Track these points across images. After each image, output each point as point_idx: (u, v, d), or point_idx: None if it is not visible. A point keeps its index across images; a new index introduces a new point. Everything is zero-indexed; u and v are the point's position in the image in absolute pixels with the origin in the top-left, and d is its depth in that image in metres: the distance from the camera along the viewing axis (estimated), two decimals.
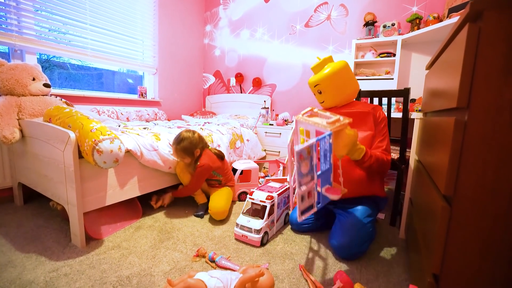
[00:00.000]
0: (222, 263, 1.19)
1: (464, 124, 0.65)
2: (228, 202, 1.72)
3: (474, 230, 0.66)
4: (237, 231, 1.43)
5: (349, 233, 1.28)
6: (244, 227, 1.40)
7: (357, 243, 1.26)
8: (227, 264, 1.18)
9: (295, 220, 1.54)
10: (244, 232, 1.40)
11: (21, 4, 1.93)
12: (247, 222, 1.41)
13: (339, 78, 1.36)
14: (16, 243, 1.34)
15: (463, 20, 0.67)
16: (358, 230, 1.28)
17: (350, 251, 1.27)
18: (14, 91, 1.62)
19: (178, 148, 1.65)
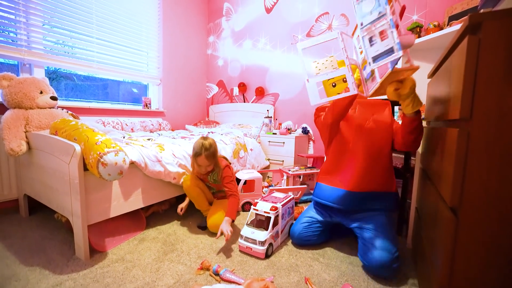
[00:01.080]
0: (227, 276, 1.17)
1: (467, 135, 0.65)
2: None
3: (480, 239, 0.65)
4: (242, 243, 1.42)
5: (388, 246, 1.20)
6: (249, 238, 1.39)
7: (397, 256, 1.19)
8: (232, 278, 1.16)
9: (297, 234, 1.48)
10: (248, 244, 1.39)
11: (30, 20, 1.99)
12: (251, 233, 1.40)
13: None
14: (21, 255, 1.34)
15: (463, 32, 0.67)
16: (393, 241, 1.24)
17: (395, 264, 1.18)
18: (22, 104, 1.65)
19: (209, 155, 1.57)
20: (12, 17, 1.92)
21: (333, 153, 1.47)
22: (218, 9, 3.64)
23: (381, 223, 1.32)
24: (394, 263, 1.17)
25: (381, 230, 1.29)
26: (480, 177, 0.63)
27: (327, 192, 1.45)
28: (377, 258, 1.19)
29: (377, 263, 1.18)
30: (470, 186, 0.65)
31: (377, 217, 1.35)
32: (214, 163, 1.64)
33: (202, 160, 1.59)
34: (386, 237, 1.25)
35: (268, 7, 3.19)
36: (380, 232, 1.28)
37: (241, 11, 3.42)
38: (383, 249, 1.20)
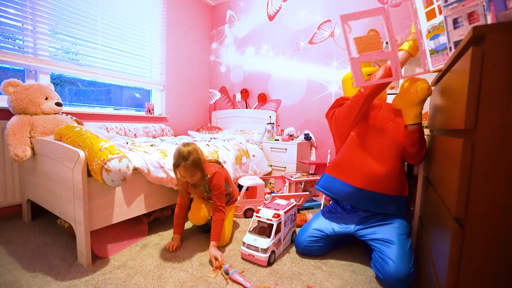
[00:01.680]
0: (235, 276, 1.20)
1: (472, 146, 0.65)
2: (231, 226, 1.64)
3: (487, 253, 0.64)
4: (244, 250, 1.41)
5: (405, 259, 1.18)
6: (251, 246, 1.38)
7: (412, 272, 1.16)
8: (239, 279, 1.19)
9: (303, 246, 1.45)
10: (251, 251, 1.38)
11: (37, 27, 2.02)
12: (254, 241, 1.39)
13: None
14: (23, 261, 1.34)
15: (467, 43, 0.68)
16: (410, 253, 1.21)
17: (410, 279, 1.16)
18: (27, 110, 1.67)
19: (188, 165, 1.37)
20: (19, 24, 1.95)
21: (350, 148, 1.41)
22: (221, 16, 3.69)
23: (398, 234, 1.28)
24: (410, 278, 1.15)
25: (399, 242, 1.25)
26: (485, 190, 0.63)
27: (338, 186, 1.41)
28: (393, 272, 1.16)
29: (393, 278, 1.15)
30: (475, 197, 0.64)
31: (394, 226, 1.32)
32: (199, 172, 1.44)
33: (182, 171, 1.40)
34: (403, 250, 1.21)
35: (271, 15, 3.23)
36: (397, 244, 1.24)
37: (244, 18, 3.46)
38: (400, 264, 1.17)
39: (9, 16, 1.88)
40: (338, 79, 2.79)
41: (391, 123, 1.40)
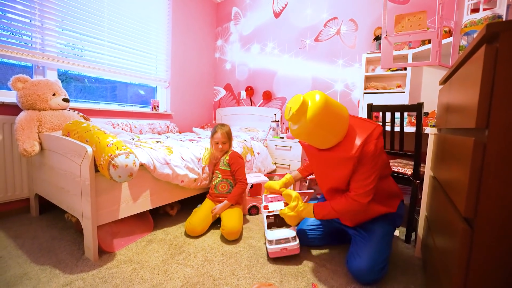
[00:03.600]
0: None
1: (483, 145, 0.64)
2: (241, 221, 1.68)
3: (497, 254, 0.63)
4: (274, 248, 1.36)
5: (369, 257, 1.21)
6: (281, 240, 1.37)
7: (379, 268, 1.19)
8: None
9: (303, 232, 1.54)
10: (283, 245, 1.36)
11: (45, 24, 2.04)
12: (282, 234, 1.39)
13: (316, 131, 1.13)
14: (32, 254, 1.36)
15: (480, 41, 0.67)
16: (378, 253, 1.22)
17: (372, 276, 1.19)
18: (36, 105, 1.69)
19: (224, 132, 1.84)
20: (27, 21, 1.97)
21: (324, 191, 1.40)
22: (226, 13, 3.68)
23: (377, 235, 1.29)
24: (371, 276, 1.19)
25: (374, 242, 1.27)
26: (496, 190, 0.62)
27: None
28: (356, 267, 1.21)
29: (355, 272, 1.22)
30: (485, 197, 0.64)
31: (377, 227, 1.32)
32: (228, 142, 1.87)
33: (218, 137, 1.84)
34: (375, 251, 1.23)
35: (277, 12, 3.21)
36: (372, 243, 1.26)
37: (249, 15, 3.45)
38: (366, 262, 1.20)
39: (17, 13, 1.90)
40: (344, 77, 2.77)
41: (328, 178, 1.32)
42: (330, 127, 1.13)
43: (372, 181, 1.18)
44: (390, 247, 1.30)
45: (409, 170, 1.66)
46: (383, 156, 1.25)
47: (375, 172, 1.17)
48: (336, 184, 1.27)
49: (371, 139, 1.16)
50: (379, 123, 1.33)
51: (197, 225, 1.62)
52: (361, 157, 1.16)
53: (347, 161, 1.17)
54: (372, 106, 1.82)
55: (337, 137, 1.17)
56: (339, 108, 1.16)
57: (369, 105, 1.83)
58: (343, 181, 1.23)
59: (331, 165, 1.24)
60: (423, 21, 1.01)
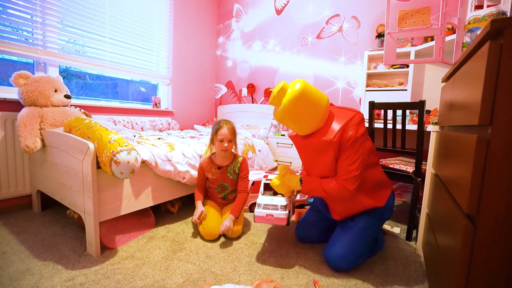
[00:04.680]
0: None
1: (487, 142, 0.64)
2: (242, 221, 1.66)
3: (499, 250, 0.63)
4: (260, 212, 1.34)
5: (345, 246, 1.28)
6: (269, 205, 1.34)
7: (355, 257, 1.27)
8: None
9: (299, 232, 1.59)
10: (268, 211, 1.33)
11: (46, 20, 2.03)
12: (271, 200, 1.36)
13: (293, 114, 1.20)
14: (34, 250, 1.37)
15: (484, 37, 0.66)
16: (355, 243, 1.29)
17: (345, 263, 1.26)
18: (37, 102, 1.69)
19: (231, 128, 1.63)
20: (29, 17, 1.96)
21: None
22: (228, 10, 3.66)
23: (358, 226, 1.33)
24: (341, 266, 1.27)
25: (352, 232, 1.32)
26: (499, 187, 0.62)
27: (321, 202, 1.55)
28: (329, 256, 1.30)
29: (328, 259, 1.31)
30: (488, 194, 0.64)
31: (360, 219, 1.35)
32: (234, 140, 1.65)
33: (224, 133, 1.59)
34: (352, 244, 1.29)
35: (279, 9, 3.19)
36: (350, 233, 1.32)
37: (251, 12, 3.43)
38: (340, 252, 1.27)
39: (18, 8, 1.89)
40: (346, 75, 2.76)
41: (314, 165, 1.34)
42: (308, 110, 1.19)
43: (357, 168, 1.21)
44: (371, 239, 1.34)
45: (410, 167, 1.66)
46: (368, 144, 1.27)
47: (359, 159, 1.20)
48: (322, 172, 1.30)
49: (351, 125, 1.21)
50: (359, 111, 1.34)
51: (214, 228, 1.54)
52: (342, 143, 1.20)
53: (327, 146, 1.22)
54: (374, 103, 1.81)
55: (315, 121, 1.22)
56: (317, 94, 1.22)
57: (371, 102, 1.83)
58: (328, 168, 1.26)
59: (315, 152, 1.28)
60: (427, 18, 1.01)
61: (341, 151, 1.22)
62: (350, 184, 1.21)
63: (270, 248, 1.48)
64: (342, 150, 1.21)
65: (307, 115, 1.20)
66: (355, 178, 1.21)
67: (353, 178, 1.21)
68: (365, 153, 1.24)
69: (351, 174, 1.21)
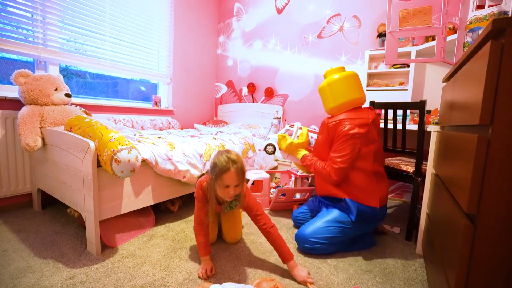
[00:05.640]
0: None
1: (487, 142, 0.64)
2: (240, 227, 1.59)
3: (499, 251, 0.63)
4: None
5: (312, 228, 1.41)
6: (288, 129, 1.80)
7: (315, 240, 1.38)
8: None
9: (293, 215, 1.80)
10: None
11: (47, 19, 2.03)
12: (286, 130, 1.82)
13: (321, 93, 1.51)
14: (35, 248, 1.37)
15: (485, 37, 0.66)
16: (321, 229, 1.41)
17: (305, 243, 1.40)
18: (38, 100, 1.69)
19: (238, 169, 1.17)
20: (29, 15, 1.96)
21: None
22: (229, 9, 3.66)
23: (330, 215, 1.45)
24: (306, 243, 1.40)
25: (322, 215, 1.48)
26: (500, 187, 0.62)
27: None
28: (297, 235, 1.46)
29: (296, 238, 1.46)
30: (488, 194, 0.64)
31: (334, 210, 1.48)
32: (243, 183, 1.24)
33: (231, 177, 1.16)
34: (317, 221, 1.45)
35: (279, 8, 3.19)
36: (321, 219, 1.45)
37: (251, 11, 3.43)
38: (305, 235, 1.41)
39: (19, 7, 1.89)
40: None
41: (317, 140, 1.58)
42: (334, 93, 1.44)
43: (342, 162, 1.35)
44: (337, 231, 1.41)
45: (411, 167, 1.66)
46: (363, 149, 1.37)
47: (347, 155, 1.34)
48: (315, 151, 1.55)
49: (351, 122, 1.36)
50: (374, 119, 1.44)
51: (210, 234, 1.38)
52: (335, 133, 1.39)
53: (323, 128, 1.48)
54: (374, 103, 1.81)
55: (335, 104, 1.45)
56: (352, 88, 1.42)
57: (371, 102, 1.83)
58: (319, 149, 1.51)
59: (320, 129, 1.53)
60: (428, 17, 1.01)
61: (333, 141, 1.41)
62: (333, 174, 1.38)
63: (270, 247, 1.48)
64: (334, 141, 1.40)
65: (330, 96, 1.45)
66: (340, 170, 1.36)
67: (338, 170, 1.37)
68: (355, 155, 1.37)
69: (336, 165, 1.37)
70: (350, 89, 1.42)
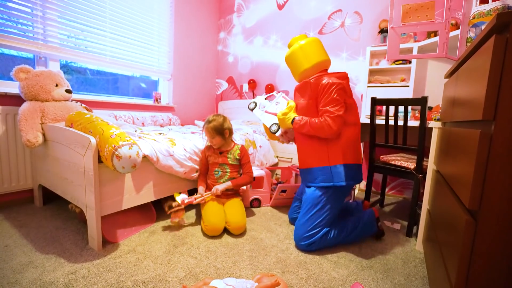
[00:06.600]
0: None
1: (490, 137, 0.63)
2: (245, 216, 1.65)
3: (500, 247, 0.64)
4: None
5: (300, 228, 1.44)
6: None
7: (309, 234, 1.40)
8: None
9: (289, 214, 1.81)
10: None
11: (47, 14, 2.02)
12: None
13: (295, 57, 1.54)
14: (37, 244, 1.38)
15: (489, 31, 0.65)
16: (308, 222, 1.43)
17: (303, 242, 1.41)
18: (39, 96, 1.69)
19: (209, 127, 1.71)
20: (29, 10, 1.95)
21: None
22: (229, 5, 3.63)
23: (306, 202, 1.49)
24: (302, 241, 1.41)
25: (301, 209, 1.52)
26: (502, 183, 0.62)
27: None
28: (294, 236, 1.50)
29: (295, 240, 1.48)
30: (490, 190, 0.64)
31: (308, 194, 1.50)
32: (218, 136, 1.74)
33: (206, 132, 1.75)
34: (300, 216, 1.49)
35: (280, 4, 3.17)
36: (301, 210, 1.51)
37: (252, 7, 3.41)
38: (296, 228, 1.48)
39: (18, 2, 1.88)
40: (348, 71, 2.74)
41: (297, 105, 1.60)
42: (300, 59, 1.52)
43: (339, 110, 1.37)
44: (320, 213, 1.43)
45: (412, 164, 1.66)
46: (348, 100, 1.44)
47: (339, 103, 1.38)
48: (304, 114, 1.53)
49: (329, 77, 1.42)
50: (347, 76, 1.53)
51: (216, 224, 1.53)
52: (318, 89, 1.43)
53: (305, 87, 1.51)
54: (375, 99, 1.81)
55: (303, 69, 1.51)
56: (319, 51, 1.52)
57: (372, 98, 1.82)
58: (306, 111, 1.50)
59: (300, 95, 1.57)
60: (431, 12, 1.00)
61: (319, 97, 1.43)
62: (333, 123, 1.37)
63: (270, 243, 1.49)
64: (320, 96, 1.42)
65: (304, 61, 1.50)
66: (338, 118, 1.37)
67: (336, 118, 1.37)
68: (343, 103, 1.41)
69: (333, 114, 1.37)
70: (319, 51, 1.51)
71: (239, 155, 1.82)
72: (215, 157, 1.81)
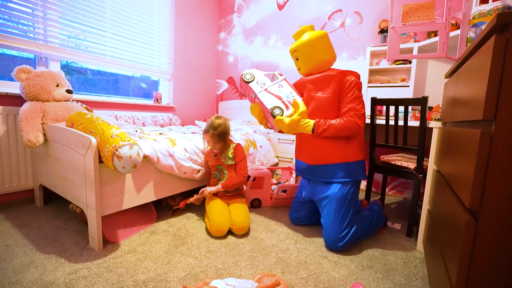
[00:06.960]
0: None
1: (490, 137, 0.63)
2: (248, 217, 1.65)
3: (500, 246, 0.64)
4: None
5: (331, 229, 1.42)
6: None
7: (343, 234, 1.40)
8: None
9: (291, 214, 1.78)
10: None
11: (47, 14, 2.02)
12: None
13: (313, 46, 1.46)
14: (37, 244, 1.38)
15: (489, 31, 0.66)
16: (339, 222, 1.41)
17: (339, 243, 1.39)
18: (39, 96, 1.69)
19: (215, 134, 1.71)
20: (30, 11, 1.95)
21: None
22: (229, 5, 3.64)
23: (330, 200, 1.46)
24: (338, 242, 1.39)
25: (327, 209, 1.47)
26: (502, 182, 0.62)
27: (299, 165, 1.67)
28: (325, 238, 1.45)
29: (326, 243, 1.45)
30: (491, 189, 0.64)
31: (331, 191, 1.47)
32: (221, 142, 1.76)
33: (209, 138, 1.75)
34: (330, 216, 1.44)
35: (280, 4, 3.17)
36: (326, 210, 1.47)
37: (253, 7, 3.41)
38: (327, 230, 1.44)
39: (19, 2, 1.88)
40: None
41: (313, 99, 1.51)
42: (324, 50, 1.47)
43: (362, 107, 1.40)
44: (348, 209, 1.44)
45: (412, 164, 1.66)
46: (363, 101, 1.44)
47: (362, 101, 1.41)
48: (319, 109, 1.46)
49: (351, 74, 1.43)
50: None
51: (223, 225, 1.54)
52: (342, 84, 1.41)
53: (329, 80, 1.44)
54: (376, 99, 1.81)
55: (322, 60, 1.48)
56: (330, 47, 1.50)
57: (373, 98, 1.82)
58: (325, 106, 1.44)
59: (316, 88, 1.49)
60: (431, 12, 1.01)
61: (342, 92, 1.41)
62: (360, 121, 1.38)
63: (271, 243, 1.49)
64: (344, 91, 1.41)
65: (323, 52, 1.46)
66: (363, 116, 1.39)
67: (362, 115, 1.39)
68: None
69: (360, 111, 1.38)
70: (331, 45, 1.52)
71: (232, 154, 1.80)
72: (211, 160, 1.83)
